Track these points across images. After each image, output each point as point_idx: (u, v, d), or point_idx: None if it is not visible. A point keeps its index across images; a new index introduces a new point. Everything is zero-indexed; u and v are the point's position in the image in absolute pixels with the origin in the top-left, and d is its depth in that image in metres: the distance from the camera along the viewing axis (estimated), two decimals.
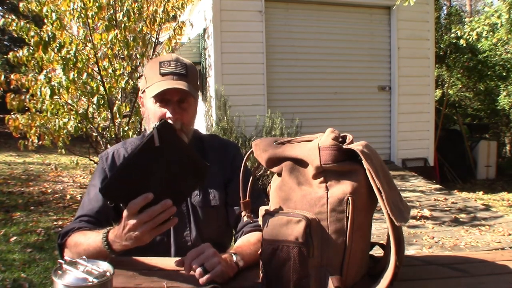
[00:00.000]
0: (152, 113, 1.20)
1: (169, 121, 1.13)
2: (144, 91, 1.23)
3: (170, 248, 1.23)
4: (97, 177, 1.26)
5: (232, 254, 1.00)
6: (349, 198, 0.80)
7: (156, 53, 4.38)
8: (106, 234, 0.96)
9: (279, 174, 0.91)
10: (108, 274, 0.75)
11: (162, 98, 1.17)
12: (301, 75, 5.59)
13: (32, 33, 3.33)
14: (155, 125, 0.87)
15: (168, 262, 1.02)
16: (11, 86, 3.63)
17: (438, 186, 5.12)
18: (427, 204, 4.32)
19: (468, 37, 5.58)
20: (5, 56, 7.19)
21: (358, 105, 5.84)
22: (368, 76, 5.87)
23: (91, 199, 1.22)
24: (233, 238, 1.35)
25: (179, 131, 1.17)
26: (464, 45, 6.15)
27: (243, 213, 0.99)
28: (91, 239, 1.02)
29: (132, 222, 0.87)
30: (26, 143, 3.71)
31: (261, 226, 0.89)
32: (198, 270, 0.89)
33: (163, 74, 1.17)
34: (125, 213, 0.87)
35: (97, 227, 1.15)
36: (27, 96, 3.64)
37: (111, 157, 1.27)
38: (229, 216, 1.29)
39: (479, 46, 7.92)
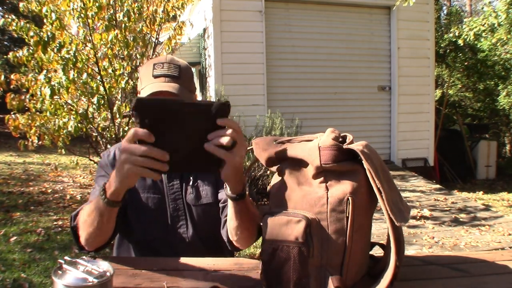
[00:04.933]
0: None
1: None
2: (139, 92, 1.25)
3: (167, 245, 1.25)
4: (102, 169, 1.28)
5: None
6: (349, 198, 0.80)
7: (156, 53, 4.37)
8: (105, 183, 0.92)
9: (279, 174, 0.91)
10: (108, 274, 0.75)
11: None
12: (301, 75, 5.59)
13: (32, 33, 3.32)
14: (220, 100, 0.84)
15: (168, 262, 1.02)
16: (11, 86, 3.63)
17: (438, 186, 5.12)
18: (427, 204, 4.31)
19: (466, 36, 5.58)
20: (5, 56, 7.19)
21: (358, 105, 5.84)
22: (368, 76, 5.88)
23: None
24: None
25: None
26: (462, 44, 6.15)
27: None
28: (92, 200, 0.99)
29: (128, 145, 0.81)
30: (26, 143, 3.70)
31: (261, 226, 0.89)
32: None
33: (155, 76, 1.18)
34: (127, 135, 0.82)
35: None
36: (27, 96, 3.63)
37: (113, 154, 1.30)
38: (221, 211, 1.26)
39: (478, 46, 7.91)
